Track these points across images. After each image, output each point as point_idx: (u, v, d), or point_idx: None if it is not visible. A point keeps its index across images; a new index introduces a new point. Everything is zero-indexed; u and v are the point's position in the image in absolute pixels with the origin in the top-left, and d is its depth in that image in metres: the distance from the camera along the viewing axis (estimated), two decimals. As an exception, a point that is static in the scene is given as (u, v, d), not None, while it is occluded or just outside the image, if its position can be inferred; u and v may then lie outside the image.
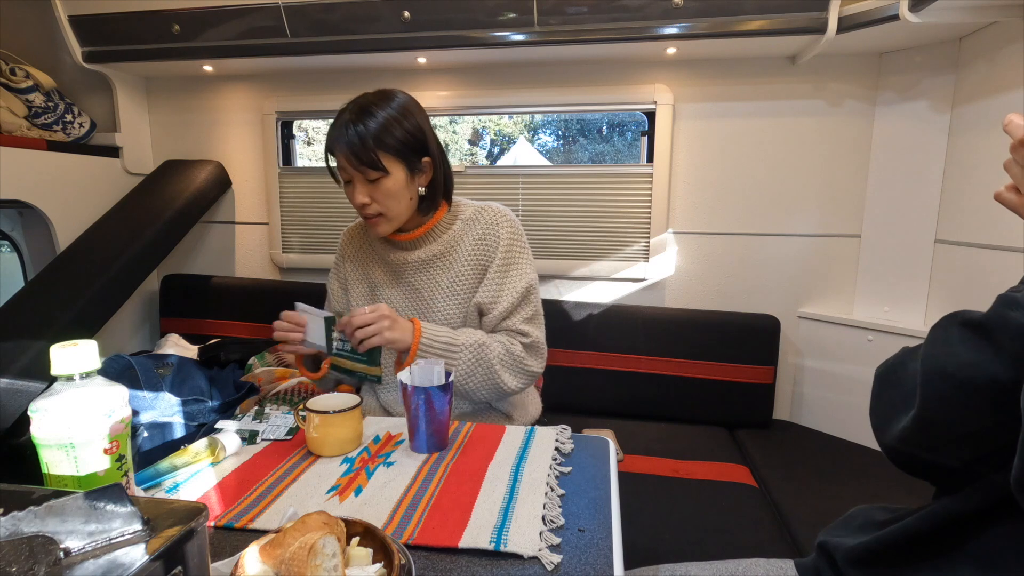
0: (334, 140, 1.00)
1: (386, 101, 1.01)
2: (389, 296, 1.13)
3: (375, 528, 0.56)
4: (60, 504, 0.38)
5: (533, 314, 1.10)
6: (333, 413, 0.82)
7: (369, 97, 1.01)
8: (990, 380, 0.46)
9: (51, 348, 0.53)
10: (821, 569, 0.69)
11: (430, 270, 1.10)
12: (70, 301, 1.59)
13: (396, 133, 0.99)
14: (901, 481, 1.47)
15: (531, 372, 1.07)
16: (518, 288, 1.07)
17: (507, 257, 1.08)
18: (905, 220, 1.71)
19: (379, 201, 1.02)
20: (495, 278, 1.07)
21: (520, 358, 1.06)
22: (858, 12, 1.46)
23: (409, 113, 1.02)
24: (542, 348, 1.10)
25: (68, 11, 1.85)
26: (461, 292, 1.09)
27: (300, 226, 2.17)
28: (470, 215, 1.11)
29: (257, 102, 2.13)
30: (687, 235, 1.92)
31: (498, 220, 1.09)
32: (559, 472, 0.79)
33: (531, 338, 1.07)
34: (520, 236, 1.11)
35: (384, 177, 1.00)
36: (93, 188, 1.98)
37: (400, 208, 1.04)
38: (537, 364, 1.08)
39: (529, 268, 1.10)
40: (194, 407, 0.89)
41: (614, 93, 1.87)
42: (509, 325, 1.07)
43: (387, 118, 0.99)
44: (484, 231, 1.09)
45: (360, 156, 0.97)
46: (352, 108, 1.00)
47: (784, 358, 1.87)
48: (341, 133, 0.98)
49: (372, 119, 0.98)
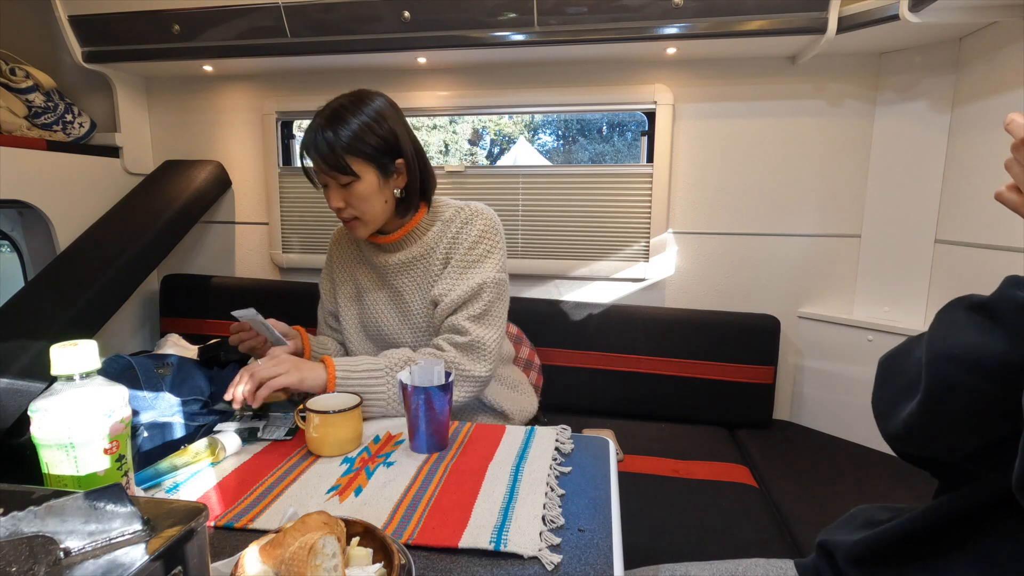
0: (306, 145, 1.00)
1: (358, 105, 1.00)
2: (374, 299, 1.13)
3: (375, 528, 0.56)
4: (60, 504, 0.38)
5: (482, 312, 1.03)
6: (333, 413, 0.82)
7: (341, 100, 1.01)
8: (999, 360, 0.45)
9: (51, 348, 0.53)
10: (821, 569, 0.69)
11: (410, 272, 1.10)
12: (70, 301, 1.59)
13: (366, 138, 0.99)
14: (901, 481, 1.48)
15: (471, 376, 1.01)
16: (472, 283, 1.02)
17: (471, 254, 1.05)
18: (905, 220, 1.71)
19: (353, 205, 1.02)
20: (453, 271, 1.05)
21: (454, 363, 1.00)
22: (858, 12, 1.46)
23: (381, 117, 1.01)
24: (485, 349, 1.02)
25: (68, 11, 1.85)
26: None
27: (300, 226, 2.17)
28: (449, 216, 1.09)
29: (257, 102, 2.13)
30: (687, 235, 1.92)
31: (472, 219, 1.07)
32: (559, 472, 0.79)
33: (470, 336, 1.01)
34: (491, 235, 1.07)
35: (355, 181, 0.99)
36: (93, 188, 1.98)
37: (375, 211, 1.03)
38: (477, 368, 1.01)
39: (492, 267, 1.05)
40: (194, 407, 0.89)
41: (614, 93, 1.87)
42: (452, 321, 1.03)
43: (358, 124, 0.98)
44: (458, 230, 1.07)
45: (329, 161, 0.98)
46: (324, 112, 1.00)
47: (784, 358, 1.87)
48: (312, 138, 0.99)
49: (342, 124, 0.98)
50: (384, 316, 1.13)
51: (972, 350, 0.47)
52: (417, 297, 1.10)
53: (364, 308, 1.15)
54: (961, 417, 0.50)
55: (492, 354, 1.03)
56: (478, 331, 1.02)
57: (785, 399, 1.91)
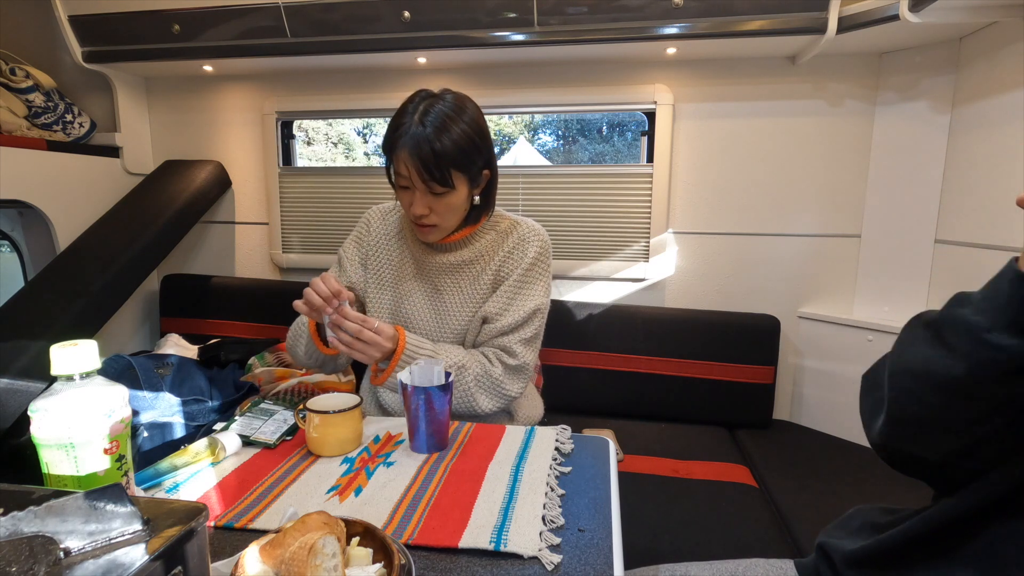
0: (402, 146, 0.94)
1: (460, 113, 0.96)
2: (410, 290, 1.11)
3: (375, 528, 0.56)
4: (60, 504, 0.38)
5: (532, 336, 1.07)
6: (333, 413, 0.82)
7: (442, 106, 0.95)
8: (945, 375, 0.48)
9: (51, 348, 0.53)
10: (821, 570, 0.69)
11: (455, 275, 1.09)
12: (70, 301, 1.59)
13: (471, 152, 0.96)
14: (901, 481, 1.47)
15: (507, 395, 1.05)
16: (526, 308, 1.05)
17: (526, 275, 1.06)
18: (905, 220, 1.70)
19: (438, 213, 0.99)
20: (508, 292, 1.06)
21: (498, 381, 1.03)
22: (858, 12, 1.46)
23: (481, 129, 0.99)
24: (527, 371, 1.07)
25: (68, 11, 1.85)
26: (478, 301, 1.08)
27: (300, 226, 2.17)
28: (505, 227, 1.09)
29: (257, 102, 2.13)
30: (687, 235, 1.92)
31: (529, 237, 1.07)
32: (559, 472, 0.79)
33: (519, 360, 1.05)
34: (546, 257, 1.09)
35: (449, 192, 0.97)
36: (93, 188, 1.98)
37: (456, 219, 1.03)
38: (515, 388, 1.06)
39: (543, 291, 1.08)
40: (194, 407, 0.89)
41: (614, 93, 1.87)
42: (504, 342, 1.05)
43: (462, 134, 0.94)
44: (514, 246, 1.07)
45: (431, 172, 0.93)
46: (426, 116, 0.94)
47: (784, 358, 1.86)
48: (413, 142, 0.93)
49: (447, 134, 0.93)
50: (418, 310, 1.10)
51: (924, 363, 0.50)
52: (457, 299, 1.08)
53: (398, 297, 1.12)
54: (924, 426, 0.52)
55: (530, 374, 1.08)
56: (527, 355, 1.06)
57: (785, 399, 1.91)
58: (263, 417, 0.92)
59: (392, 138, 0.96)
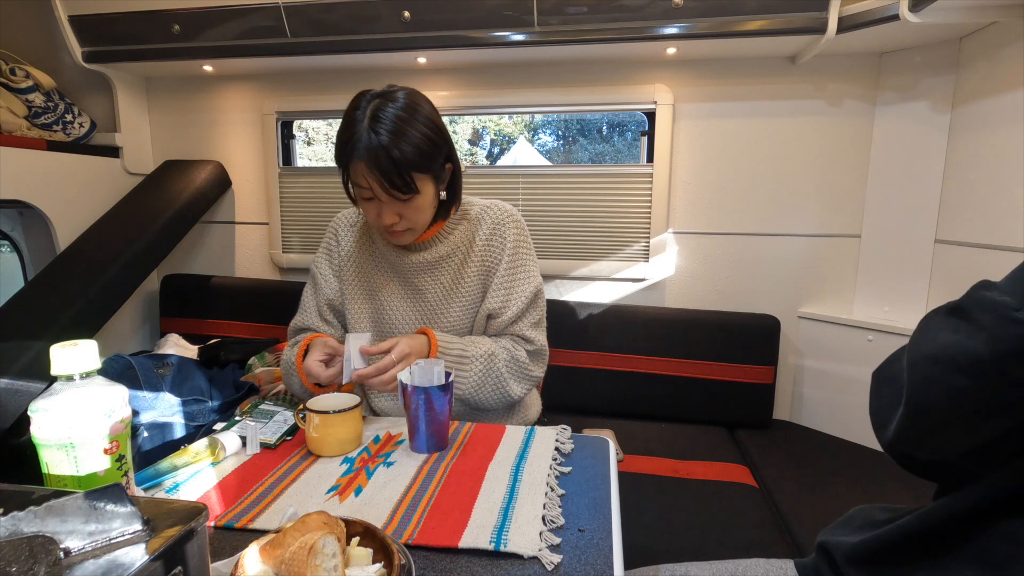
0: (357, 158, 0.89)
1: (413, 113, 0.90)
2: (389, 295, 1.08)
3: (375, 528, 0.56)
4: (60, 504, 0.38)
5: (539, 319, 1.08)
6: (333, 413, 0.82)
7: (393, 108, 0.89)
8: (970, 356, 0.47)
9: (51, 348, 0.53)
10: (821, 569, 0.69)
11: (434, 272, 1.06)
12: (70, 301, 1.59)
13: (430, 152, 0.91)
14: (901, 481, 1.47)
15: (534, 378, 1.07)
16: (526, 293, 1.05)
17: (514, 260, 1.06)
18: (905, 220, 1.70)
19: (408, 218, 0.96)
20: (503, 282, 1.05)
21: (525, 365, 1.05)
22: (858, 12, 1.46)
23: (437, 126, 0.94)
24: (545, 354, 1.09)
25: (68, 11, 1.85)
26: (467, 295, 1.06)
27: (300, 226, 2.17)
28: (475, 214, 1.08)
29: (257, 102, 2.13)
30: (687, 235, 1.92)
31: (504, 220, 1.06)
32: (559, 472, 0.79)
33: (536, 344, 1.07)
34: (525, 237, 1.09)
35: (416, 196, 0.93)
36: (93, 188, 1.98)
37: (427, 219, 1.00)
38: (539, 370, 1.08)
39: (535, 270, 1.08)
40: (194, 407, 0.89)
41: (614, 93, 1.87)
42: (516, 330, 1.06)
43: (421, 137, 0.90)
44: (490, 232, 1.06)
45: (393, 181, 0.88)
46: (378, 123, 0.88)
47: (784, 358, 1.87)
48: (370, 153, 0.87)
49: (404, 139, 0.88)
50: (401, 315, 1.08)
51: (946, 348, 0.49)
52: (440, 297, 1.07)
53: (379, 306, 1.09)
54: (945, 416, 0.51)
55: (548, 356, 1.10)
56: (540, 338, 1.08)
57: (785, 399, 1.91)
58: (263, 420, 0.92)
59: (344, 150, 0.90)
